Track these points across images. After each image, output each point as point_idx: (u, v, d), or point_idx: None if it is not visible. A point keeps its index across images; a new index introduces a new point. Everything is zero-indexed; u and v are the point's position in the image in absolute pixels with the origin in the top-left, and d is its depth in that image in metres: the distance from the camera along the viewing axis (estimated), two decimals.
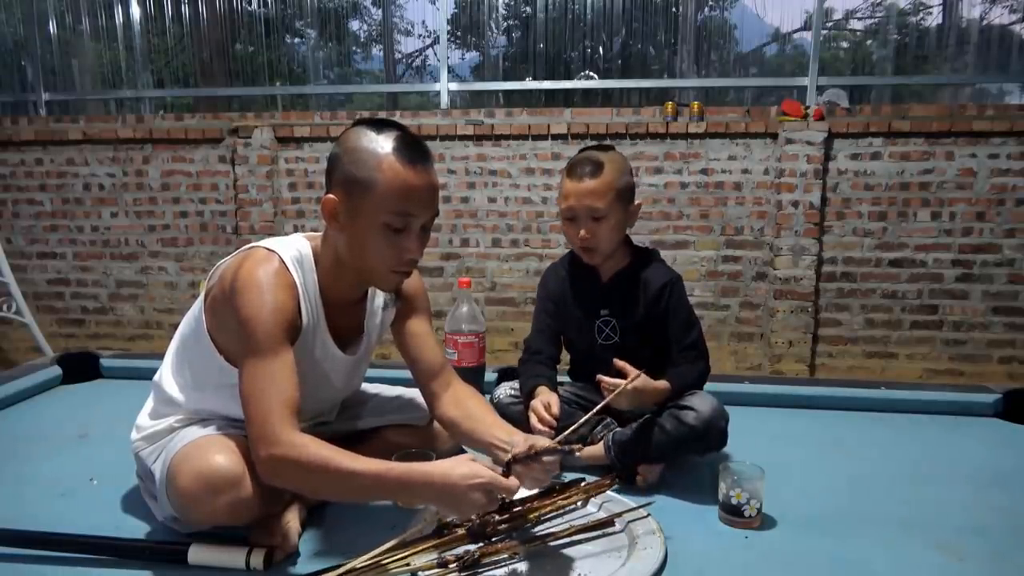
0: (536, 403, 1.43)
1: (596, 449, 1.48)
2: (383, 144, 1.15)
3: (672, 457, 1.43)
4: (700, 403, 1.38)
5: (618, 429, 1.47)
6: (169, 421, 1.28)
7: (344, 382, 1.38)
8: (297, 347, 1.17)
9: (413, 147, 1.17)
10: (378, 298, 1.37)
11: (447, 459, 1.11)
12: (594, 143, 1.58)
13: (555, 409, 1.41)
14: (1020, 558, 1.17)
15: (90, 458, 1.57)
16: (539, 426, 1.39)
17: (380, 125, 1.18)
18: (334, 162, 1.19)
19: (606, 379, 1.37)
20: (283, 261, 1.18)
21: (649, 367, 1.41)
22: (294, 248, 1.22)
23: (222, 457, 1.12)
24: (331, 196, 1.17)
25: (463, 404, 1.38)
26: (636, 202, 1.54)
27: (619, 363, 1.38)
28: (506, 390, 1.61)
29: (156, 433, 1.28)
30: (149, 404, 1.35)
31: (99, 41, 4.48)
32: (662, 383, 1.41)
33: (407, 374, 2.03)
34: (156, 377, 1.34)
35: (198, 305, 1.27)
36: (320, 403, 1.36)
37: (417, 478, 1.06)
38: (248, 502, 1.11)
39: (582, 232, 1.47)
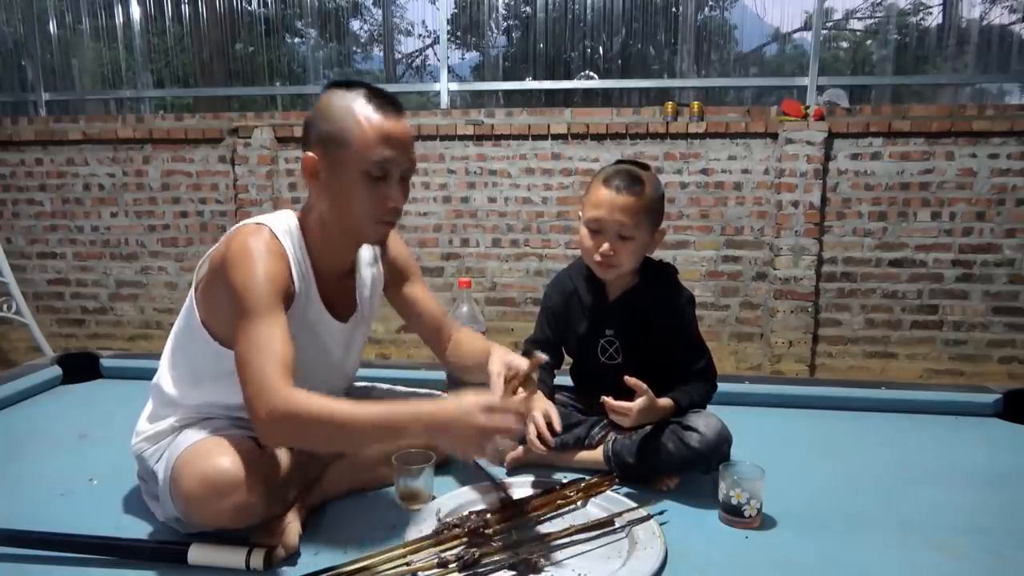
0: (538, 416, 1.38)
1: (595, 454, 1.48)
2: (354, 98, 1.20)
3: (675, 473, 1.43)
4: (704, 426, 1.35)
5: (618, 437, 1.45)
6: (170, 421, 1.28)
7: (343, 351, 1.38)
8: (291, 317, 1.18)
9: (383, 96, 1.22)
10: (365, 269, 1.40)
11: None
12: (629, 160, 1.52)
13: (557, 426, 1.37)
14: (1020, 558, 1.17)
15: (90, 458, 1.56)
16: (536, 442, 1.37)
17: (349, 84, 1.23)
18: (309, 125, 1.23)
19: (611, 403, 1.36)
20: (273, 232, 1.20)
21: (654, 387, 1.38)
22: (283, 221, 1.25)
23: (226, 460, 1.11)
24: (310, 154, 1.21)
25: (461, 347, 1.51)
26: (662, 227, 1.47)
27: (630, 381, 1.34)
28: None
29: (158, 434, 1.28)
30: (148, 407, 1.35)
31: (99, 41, 4.49)
32: (667, 402, 1.39)
33: (408, 374, 2.04)
34: (154, 380, 1.34)
35: (190, 297, 1.28)
36: (322, 376, 1.32)
37: (410, 412, 1.08)
38: (252, 505, 1.11)
39: (605, 246, 1.40)
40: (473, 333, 1.58)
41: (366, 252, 1.41)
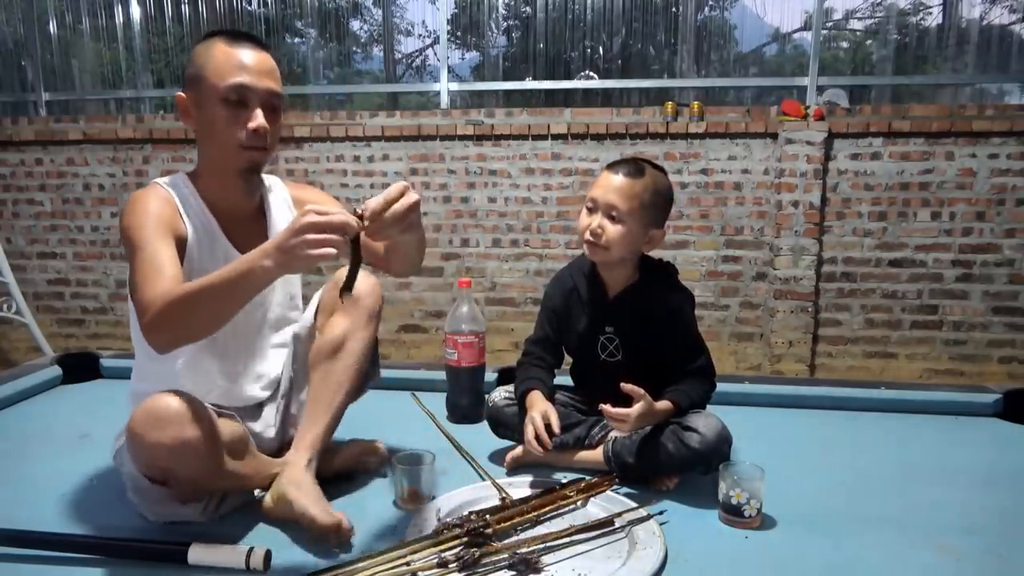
0: (537, 417, 1.39)
1: (595, 454, 1.48)
2: (214, 40, 1.30)
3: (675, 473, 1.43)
4: (704, 426, 1.35)
5: (618, 437, 1.45)
6: None
7: (266, 291, 1.33)
8: (196, 259, 1.29)
9: (240, 34, 1.32)
10: (277, 211, 1.44)
11: None
12: (645, 159, 1.52)
13: (555, 427, 1.39)
14: (1020, 558, 1.17)
15: (90, 458, 1.56)
16: (533, 443, 1.37)
17: (217, 32, 1.33)
18: (183, 71, 1.36)
19: (609, 409, 1.36)
20: (159, 184, 1.32)
21: (653, 384, 1.39)
22: (174, 176, 1.36)
23: (171, 396, 1.15)
24: (180, 94, 1.32)
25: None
26: (661, 230, 1.47)
27: (627, 387, 1.34)
28: (501, 393, 1.60)
29: None
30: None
31: (99, 41, 4.48)
32: (666, 404, 1.39)
33: (409, 374, 2.04)
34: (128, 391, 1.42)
35: None
36: (240, 317, 1.22)
37: (254, 252, 1.07)
38: (193, 443, 1.12)
39: (594, 223, 1.42)
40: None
41: (278, 195, 1.46)
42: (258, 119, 1.28)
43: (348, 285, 1.09)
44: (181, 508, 1.23)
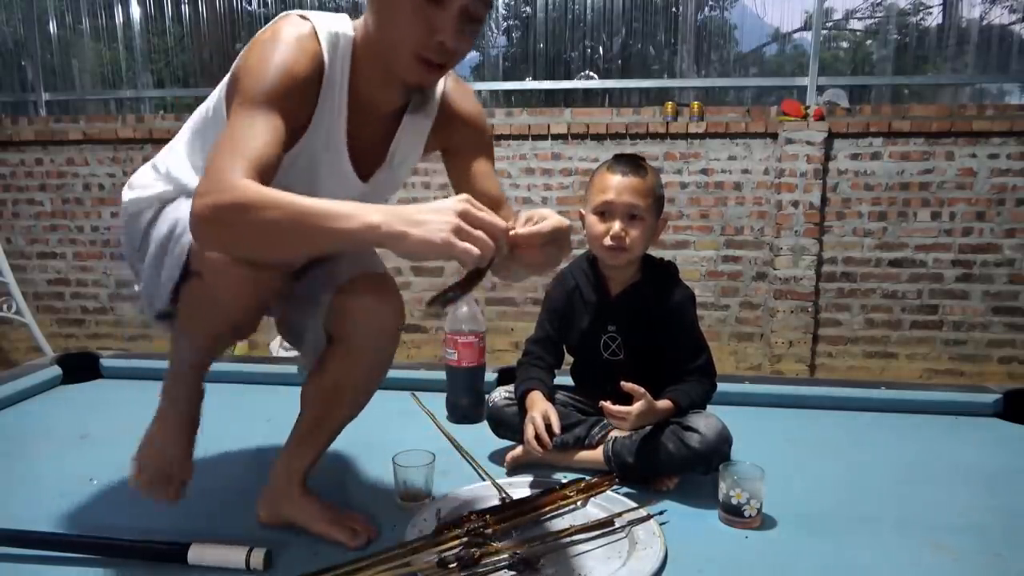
0: (537, 416, 1.39)
1: (595, 454, 1.48)
2: None
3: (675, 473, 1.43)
4: (705, 426, 1.36)
5: (618, 437, 1.45)
6: (181, 188, 1.13)
7: None
8: (301, 152, 1.02)
9: None
10: (415, 117, 1.14)
11: None
12: (625, 154, 1.53)
13: (556, 427, 1.39)
14: (1019, 558, 1.17)
15: (90, 458, 1.56)
16: (533, 443, 1.37)
17: None
18: None
19: (609, 407, 1.36)
20: (316, 31, 1.01)
21: (655, 383, 1.39)
22: (333, 23, 1.03)
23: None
24: None
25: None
26: (664, 214, 1.50)
27: (627, 386, 1.35)
28: (501, 393, 1.60)
29: (163, 194, 1.14)
30: (147, 175, 1.20)
31: (99, 41, 4.48)
32: (666, 403, 1.39)
33: (408, 374, 2.04)
34: (157, 158, 1.20)
35: (224, 83, 1.09)
36: None
37: (369, 208, 0.85)
38: (264, 286, 0.99)
39: (616, 227, 1.40)
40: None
41: (428, 106, 1.16)
42: (450, 32, 0.96)
43: (447, 299, 0.87)
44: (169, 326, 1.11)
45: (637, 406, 1.34)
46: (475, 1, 0.96)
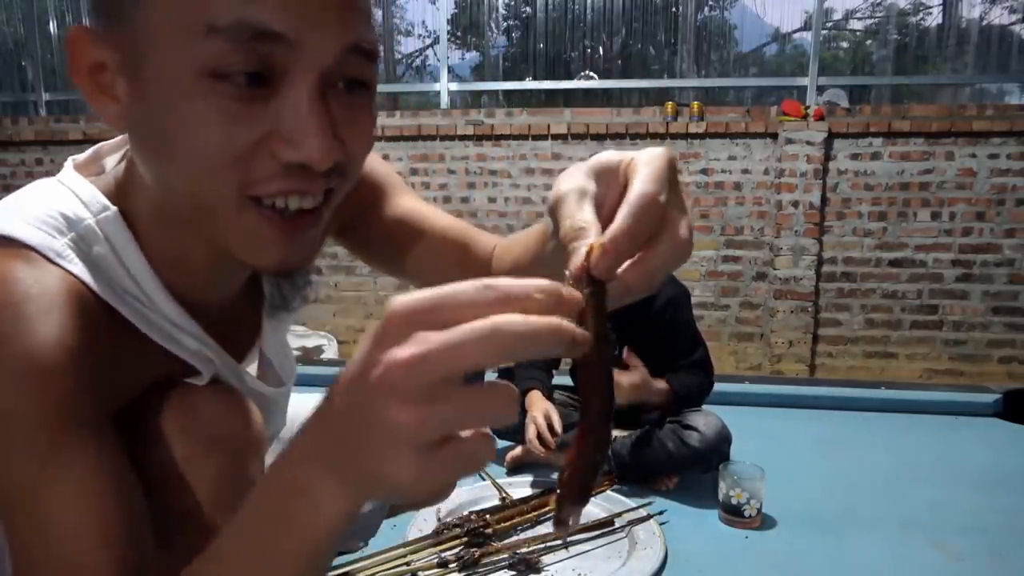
0: (538, 416, 1.41)
1: None
2: None
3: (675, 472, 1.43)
4: (704, 425, 1.37)
5: (618, 437, 1.45)
6: None
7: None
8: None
9: None
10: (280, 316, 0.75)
11: None
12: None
13: (557, 426, 1.40)
14: (1019, 558, 1.17)
15: None
16: (535, 442, 1.38)
17: None
18: None
19: None
20: (37, 256, 0.54)
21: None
22: (57, 210, 0.59)
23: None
24: (78, 31, 0.51)
25: (514, 249, 0.72)
26: None
27: (626, 356, 1.36)
28: None
29: None
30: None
31: None
32: (662, 384, 1.40)
33: None
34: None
35: None
36: None
37: (265, 478, 0.44)
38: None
39: None
40: (513, 238, 0.76)
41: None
42: (306, 126, 0.48)
43: (579, 495, 0.39)
44: None
45: (631, 376, 1.35)
46: (347, 54, 0.49)
